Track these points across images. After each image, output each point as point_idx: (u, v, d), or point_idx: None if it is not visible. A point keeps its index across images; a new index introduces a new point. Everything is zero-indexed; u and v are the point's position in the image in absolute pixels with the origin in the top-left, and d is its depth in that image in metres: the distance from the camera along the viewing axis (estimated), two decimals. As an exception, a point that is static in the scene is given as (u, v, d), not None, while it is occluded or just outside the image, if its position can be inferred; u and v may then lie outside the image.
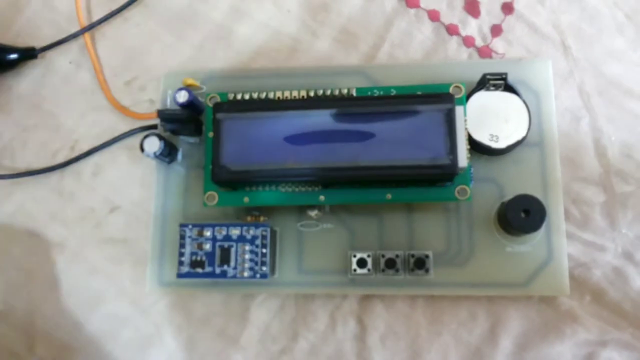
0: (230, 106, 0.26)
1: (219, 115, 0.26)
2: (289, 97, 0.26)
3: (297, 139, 0.25)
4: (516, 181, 0.27)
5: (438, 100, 0.25)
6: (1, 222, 0.30)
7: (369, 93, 0.26)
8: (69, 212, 0.30)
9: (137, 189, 0.29)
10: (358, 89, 0.26)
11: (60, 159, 0.30)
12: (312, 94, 0.26)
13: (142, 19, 0.32)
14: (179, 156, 0.29)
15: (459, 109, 0.25)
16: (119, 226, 0.29)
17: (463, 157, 0.24)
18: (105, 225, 0.29)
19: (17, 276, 0.29)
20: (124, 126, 0.30)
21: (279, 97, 0.26)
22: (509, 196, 0.26)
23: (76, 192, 0.30)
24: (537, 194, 0.26)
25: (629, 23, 0.29)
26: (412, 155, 0.24)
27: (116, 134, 0.30)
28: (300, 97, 0.26)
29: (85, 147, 0.30)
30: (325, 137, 0.25)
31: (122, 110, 0.30)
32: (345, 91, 0.26)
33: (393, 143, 0.25)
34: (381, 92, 0.26)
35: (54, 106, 0.31)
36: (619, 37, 0.29)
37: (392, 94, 0.26)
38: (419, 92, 0.26)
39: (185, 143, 0.29)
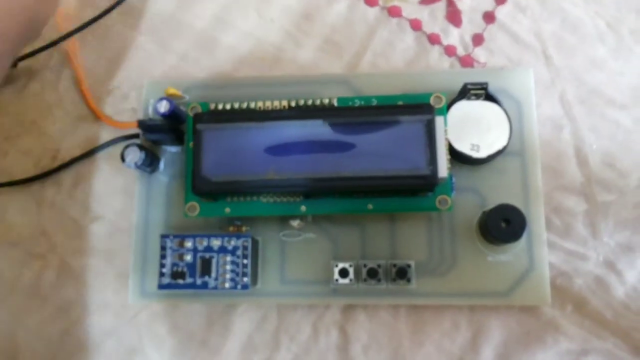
0: (211, 117, 0.26)
1: (200, 126, 0.26)
2: (270, 108, 0.26)
3: (278, 149, 0.25)
4: (498, 190, 0.27)
5: (418, 111, 0.25)
6: (-19, 232, 0.30)
7: (350, 103, 0.26)
8: (50, 222, 0.29)
9: (119, 199, 0.29)
10: (339, 99, 0.26)
11: (42, 168, 0.30)
12: (293, 104, 0.26)
13: (125, 27, 0.32)
14: (161, 165, 0.28)
15: (438, 120, 0.25)
16: (100, 237, 0.29)
17: (443, 167, 0.24)
18: (87, 236, 0.29)
19: (-2, 287, 0.29)
20: (106, 135, 0.30)
21: (260, 108, 0.26)
22: (490, 205, 0.26)
23: (57, 202, 0.30)
24: (519, 203, 0.26)
25: (610, 32, 0.29)
26: (392, 166, 0.24)
27: (98, 143, 0.30)
28: (282, 107, 0.26)
29: (66, 157, 0.30)
30: (306, 148, 0.25)
31: (104, 119, 0.30)
32: (326, 101, 0.26)
33: (374, 153, 0.25)
34: (362, 102, 0.26)
35: (35, 115, 0.31)
36: (600, 46, 0.29)
37: (373, 105, 0.26)
38: (400, 102, 0.26)
39: (167, 152, 0.29)
